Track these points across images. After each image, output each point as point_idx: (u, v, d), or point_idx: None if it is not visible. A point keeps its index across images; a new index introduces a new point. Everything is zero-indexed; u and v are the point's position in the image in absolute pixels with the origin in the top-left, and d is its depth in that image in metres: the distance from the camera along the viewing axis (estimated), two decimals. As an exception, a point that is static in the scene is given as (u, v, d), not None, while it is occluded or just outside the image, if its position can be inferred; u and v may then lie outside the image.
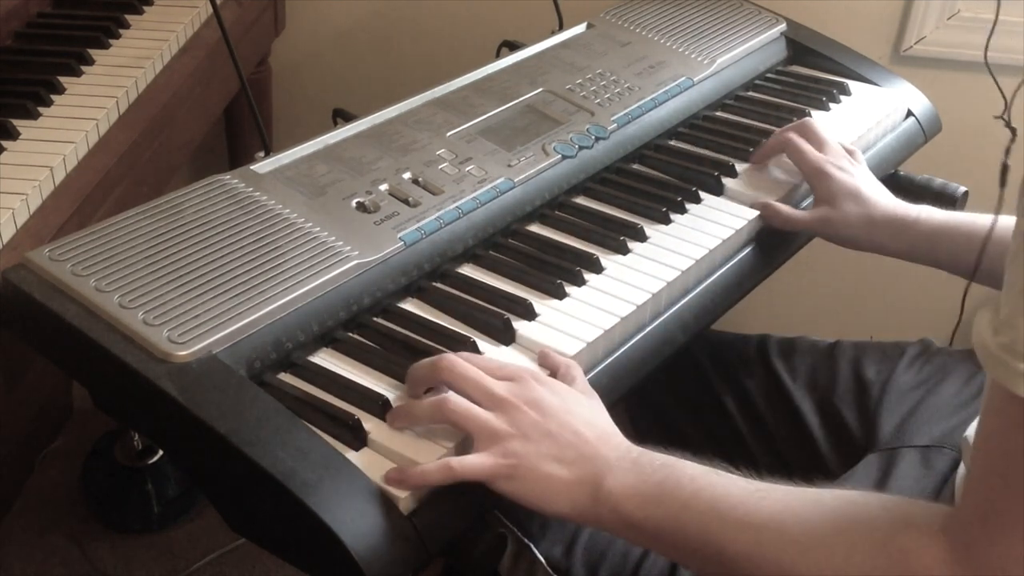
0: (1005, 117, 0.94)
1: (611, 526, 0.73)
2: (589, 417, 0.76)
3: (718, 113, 1.23)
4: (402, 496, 0.70)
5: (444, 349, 0.81)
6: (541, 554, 0.88)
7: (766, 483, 0.71)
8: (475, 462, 0.71)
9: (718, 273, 0.99)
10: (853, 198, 1.01)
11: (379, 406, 0.75)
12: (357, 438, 0.73)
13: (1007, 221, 0.97)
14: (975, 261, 0.96)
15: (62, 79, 1.14)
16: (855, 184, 1.02)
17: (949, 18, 1.59)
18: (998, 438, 0.60)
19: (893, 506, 0.68)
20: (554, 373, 0.80)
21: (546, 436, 0.72)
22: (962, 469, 0.87)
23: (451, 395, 0.74)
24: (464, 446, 0.75)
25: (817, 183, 1.04)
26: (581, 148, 1.05)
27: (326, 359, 0.81)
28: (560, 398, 0.75)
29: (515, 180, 0.98)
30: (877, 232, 1.01)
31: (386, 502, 0.69)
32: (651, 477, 0.71)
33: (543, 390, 0.75)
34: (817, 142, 1.07)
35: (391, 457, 0.73)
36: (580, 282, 0.91)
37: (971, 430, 0.93)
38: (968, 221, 0.99)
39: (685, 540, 0.70)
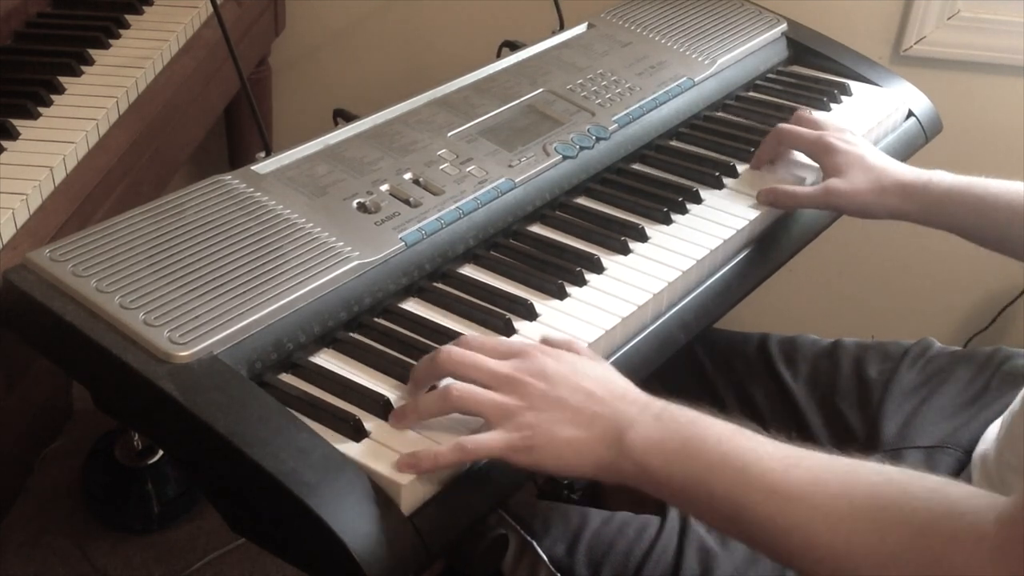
0: None
1: (632, 478, 0.71)
2: (600, 377, 0.74)
3: (719, 113, 1.23)
4: (404, 482, 0.69)
5: (445, 349, 0.81)
6: (544, 552, 0.88)
7: (796, 449, 0.69)
8: (489, 439, 0.71)
9: (719, 273, 0.99)
10: (860, 166, 1.02)
11: (380, 406, 0.75)
12: (358, 439, 0.73)
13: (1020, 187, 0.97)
14: (991, 234, 0.95)
15: (62, 79, 1.14)
16: (860, 152, 1.03)
17: (949, 18, 1.59)
18: None
19: (936, 491, 0.63)
20: None
21: (557, 403, 0.72)
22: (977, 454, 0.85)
23: (454, 382, 0.73)
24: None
25: (823, 157, 1.05)
26: (582, 148, 1.05)
27: (327, 359, 0.81)
28: (567, 363, 0.74)
29: (516, 180, 0.98)
30: (888, 197, 1.01)
31: (387, 502, 0.69)
32: (676, 434, 0.70)
33: (547, 359, 0.74)
34: (813, 125, 1.08)
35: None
36: (581, 282, 0.91)
37: (992, 430, 0.93)
38: (980, 185, 0.99)
39: (710, 500, 0.68)
